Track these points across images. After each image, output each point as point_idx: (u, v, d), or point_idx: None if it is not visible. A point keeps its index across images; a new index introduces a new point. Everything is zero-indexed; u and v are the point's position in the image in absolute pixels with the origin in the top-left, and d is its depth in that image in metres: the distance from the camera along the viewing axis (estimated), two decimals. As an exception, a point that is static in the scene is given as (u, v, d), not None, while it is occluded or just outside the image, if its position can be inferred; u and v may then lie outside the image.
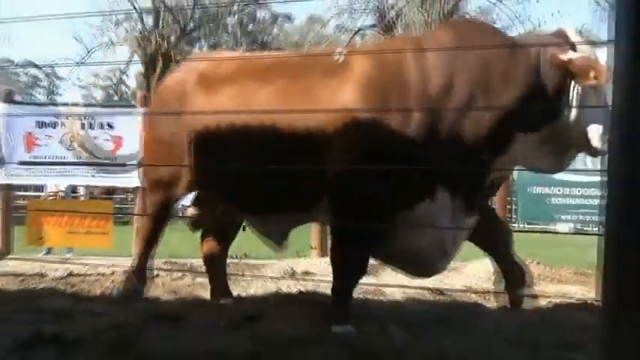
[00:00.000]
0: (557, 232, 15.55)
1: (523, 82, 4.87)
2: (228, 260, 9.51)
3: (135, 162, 10.67)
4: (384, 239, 4.96)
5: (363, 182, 4.78)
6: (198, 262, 8.95)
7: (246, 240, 6.68)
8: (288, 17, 37.64)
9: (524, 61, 4.91)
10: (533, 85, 4.86)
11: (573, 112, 4.82)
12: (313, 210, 5.32)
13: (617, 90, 1.93)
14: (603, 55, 4.85)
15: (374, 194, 4.77)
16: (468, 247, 5.69)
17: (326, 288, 5.88)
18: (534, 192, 10.13)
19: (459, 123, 4.81)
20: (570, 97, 4.83)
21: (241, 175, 5.21)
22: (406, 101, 4.88)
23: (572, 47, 4.87)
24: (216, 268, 6.40)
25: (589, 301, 5.87)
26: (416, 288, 6.30)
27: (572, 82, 4.80)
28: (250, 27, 36.81)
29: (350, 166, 4.77)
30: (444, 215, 4.96)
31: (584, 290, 7.08)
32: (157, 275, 7.52)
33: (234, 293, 6.41)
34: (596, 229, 9.22)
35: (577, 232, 13.45)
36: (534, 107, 4.84)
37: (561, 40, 4.96)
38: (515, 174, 9.94)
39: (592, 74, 4.69)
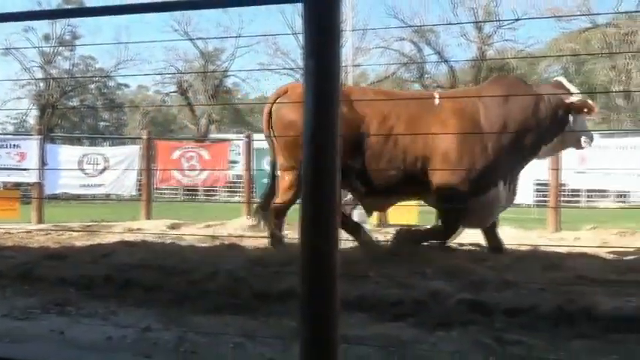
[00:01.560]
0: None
1: (547, 116, 4.77)
2: (92, 223, 8.89)
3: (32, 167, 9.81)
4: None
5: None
6: (72, 225, 8.26)
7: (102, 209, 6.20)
8: (127, 85, 35.86)
9: (546, 103, 4.79)
10: (552, 117, 4.78)
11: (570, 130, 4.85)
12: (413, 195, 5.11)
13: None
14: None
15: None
16: (231, 211, 5.62)
17: (148, 236, 5.67)
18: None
19: (514, 140, 4.70)
20: (569, 122, 4.82)
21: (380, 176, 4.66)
22: (482, 127, 4.67)
23: (569, 92, 4.88)
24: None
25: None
26: (222, 236, 6.18)
27: (571, 114, 4.83)
28: (104, 90, 34.52)
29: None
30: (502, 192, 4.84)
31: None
32: (49, 233, 6.85)
33: (95, 242, 5.82)
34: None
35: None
36: (551, 132, 4.81)
37: (561, 88, 4.90)
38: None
39: (585, 109, 4.80)
